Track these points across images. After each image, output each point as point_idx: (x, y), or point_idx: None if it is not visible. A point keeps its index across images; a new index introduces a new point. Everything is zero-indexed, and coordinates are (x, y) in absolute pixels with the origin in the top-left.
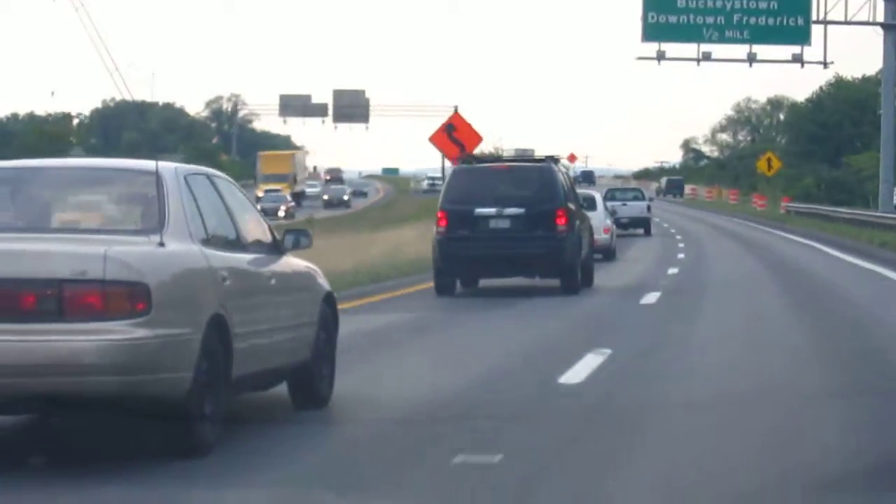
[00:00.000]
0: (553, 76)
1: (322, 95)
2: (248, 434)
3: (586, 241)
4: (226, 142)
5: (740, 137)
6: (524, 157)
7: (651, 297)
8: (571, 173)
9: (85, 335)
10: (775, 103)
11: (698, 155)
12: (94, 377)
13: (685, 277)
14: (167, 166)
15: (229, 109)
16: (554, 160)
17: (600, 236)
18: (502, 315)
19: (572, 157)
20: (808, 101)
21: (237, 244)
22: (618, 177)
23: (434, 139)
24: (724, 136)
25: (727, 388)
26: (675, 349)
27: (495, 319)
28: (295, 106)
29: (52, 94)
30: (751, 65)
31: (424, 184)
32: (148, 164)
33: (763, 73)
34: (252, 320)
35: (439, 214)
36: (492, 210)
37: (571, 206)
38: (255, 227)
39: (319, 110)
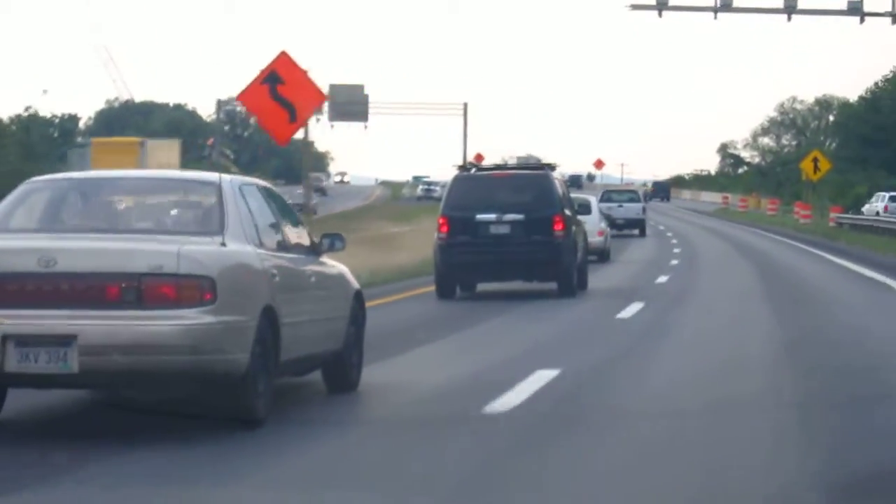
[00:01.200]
0: (562, 70)
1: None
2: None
3: (581, 245)
4: (236, 145)
5: (784, 142)
6: (523, 164)
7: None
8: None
9: (161, 320)
10: (824, 104)
11: (737, 161)
12: (168, 356)
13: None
14: (226, 178)
15: (244, 112)
16: (551, 168)
17: (594, 239)
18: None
19: (599, 164)
20: (862, 99)
21: (283, 245)
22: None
23: (245, 98)
24: (767, 141)
25: None
26: None
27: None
28: None
29: (45, 92)
30: (789, 17)
31: (419, 190)
32: (210, 175)
33: (812, 59)
34: (296, 312)
35: (440, 220)
36: (492, 216)
37: (568, 211)
38: (296, 231)
39: None
